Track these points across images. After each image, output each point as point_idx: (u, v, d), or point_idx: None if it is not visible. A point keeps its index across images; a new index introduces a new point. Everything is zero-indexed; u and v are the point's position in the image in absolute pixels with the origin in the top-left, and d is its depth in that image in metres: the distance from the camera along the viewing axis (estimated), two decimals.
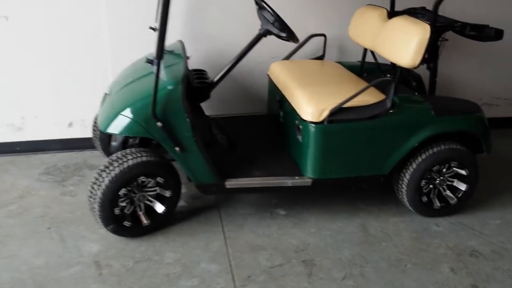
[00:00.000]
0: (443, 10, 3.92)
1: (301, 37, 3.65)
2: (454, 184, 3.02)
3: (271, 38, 2.98)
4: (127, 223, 2.71)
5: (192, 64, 3.80)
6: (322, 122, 2.72)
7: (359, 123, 2.75)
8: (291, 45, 3.57)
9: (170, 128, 2.59)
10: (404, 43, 2.82)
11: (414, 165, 2.89)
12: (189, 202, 3.16)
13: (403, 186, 2.95)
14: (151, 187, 2.76)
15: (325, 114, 2.70)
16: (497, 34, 2.91)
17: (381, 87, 2.90)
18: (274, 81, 3.37)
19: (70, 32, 3.58)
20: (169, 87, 2.57)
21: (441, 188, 3.03)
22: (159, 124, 2.54)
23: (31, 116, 3.78)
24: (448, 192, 3.03)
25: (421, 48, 2.72)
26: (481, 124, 2.92)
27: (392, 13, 3.35)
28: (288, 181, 2.84)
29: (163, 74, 2.67)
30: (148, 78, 2.73)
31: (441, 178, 2.98)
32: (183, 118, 2.58)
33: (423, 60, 2.76)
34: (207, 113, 3.71)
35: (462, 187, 3.01)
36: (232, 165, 2.94)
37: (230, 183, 2.80)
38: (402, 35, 2.87)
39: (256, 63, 3.89)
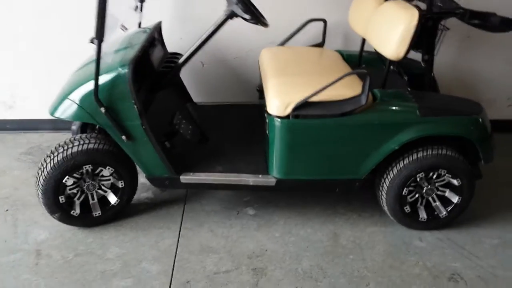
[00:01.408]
0: None
1: (299, 21, 3.38)
2: (446, 194, 2.62)
3: (270, 21, 2.70)
4: (74, 212, 2.56)
5: (182, 47, 3.60)
6: (288, 116, 2.42)
7: (329, 120, 2.43)
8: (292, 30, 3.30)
9: (116, 114, 2.40)
10: (389, 31, 2.47)
11: (394, 171, 2.54)
12: (156, 194, 2.98)
13: (383, 193, 2.60)
14: (105, 176, 2.60)
15: (290, 108, 2.40)
16: (504, 24, 2.46)
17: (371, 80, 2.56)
18: (260, 68, 3.10)
19: (63, 13, 3.46)
20: (115, 70, 2.37)
21: (430, 198, 2.64)
22: (102, 109, 2.36)
23: (22, 95, 3.74)
24: (438, 203, 2.65)
25: (406, 37, 2.35)
26: (477, 127, 2.50)
27: None
28: (250, 179, 2.58)
29: (114, 57, 2.48)
30: (105, 59, 2.54)
31: (429, 186, 2.59)
32: (130, 104, 2.38)
33: (409, 51, 2.39)
34: (198, 99, 3.52)
35: (454, 198, 2.61)
36: (194, 158, 2.72)
37: (186, 178, 2.58)
38: (389, 22, 2.51)
39: (250, 49, 3.61)
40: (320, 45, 3.41)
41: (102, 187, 2.64)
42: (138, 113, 2.39)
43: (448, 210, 2.63)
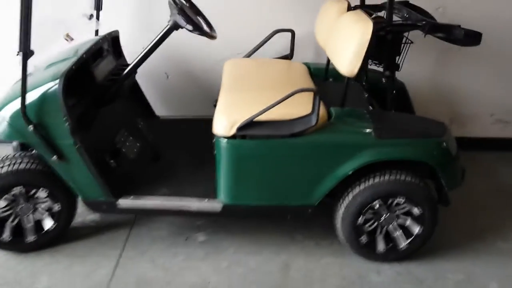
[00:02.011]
0: (444, 7, 3.28)
1: (267, 32, 3.19)
2: (407, 224, 2.40)
3: (237, 31, 2.53)
4: (5, 237, 2.38)
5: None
6: (234, 136, 2.22)
7: (278, 141, 2.23)
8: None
9: (46, 132, 2.22)
10: (342, 46, 2.28)
11: (349, 197, 2.33)
12: (103, 216, 2.79)
13: (338, 221, 2.39)
14: (41, 198, 2.41)
15: (236, 127, 2.21)
16: (469, 37, 2.25)
17: (327, 98, 2.37)
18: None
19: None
20: (46, 85, 2.20)
21: (390, 227, 2.42)
22: (30, 127, 2.18)
23: None
24: (399, 233, 2.43)
25: (359, 52, 2.16)
26: (438, 151, 2.28)
27: (356, 7, 2.77)
28: (194, 205, 2.38)
29: (49, 70, 2.31)
30: (38, 73, 2.37)
31: (388, 215, 2.38)
32: (61, 121, 2.20)
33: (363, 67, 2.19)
34: (162, 113, 3.34)
35: (415, 229, 2.39)
36: (140, 179, 2.53)
37: (124, 202, 2.39)
38: (343, 35, 2.32)
39: (218, 60, 3.42)
40: (288, 57, 3.22)
41: (38, 209, 2.45)
42: (70, 131, 2.21)
43: (409, 241, 2.40)
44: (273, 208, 2.37)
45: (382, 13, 2.64)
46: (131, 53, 3.00)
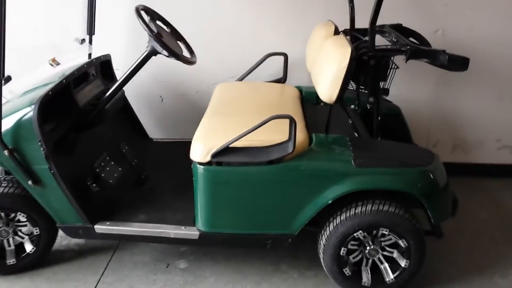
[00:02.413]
0: (443, 29, 3.19)
1: (260, 55, 3.16)
2: (394, 256, 2.29)
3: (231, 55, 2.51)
4: None
5: (140, 78, 3.43)
6: (209, 163, 2.18)
7: (255, 168, 2.17)
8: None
9: (22, 157, 2.22)
10: (322, 71, 2.23)
11: (331, 227, 2.24)
12: (88, 240, 2.76)
13: (321, 251, 2.30)
14: (22, 222, 2.41)
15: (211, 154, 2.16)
16: (454, 63, 2.16)
17: (316, 123, 2.30)
18: None
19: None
20: (22, 110, 2.20)
21: (376, 259, 2.32)
22: (5, 152, 2.18)
23: None
24: (386, 266, 2.31)
25: (337, 79, 2.10)
26: (423, 181, 2.17)
27: (346, 31, 2.72)
28: (171, 232, 2.33)
29: (27, 96, 2.32)
30: (18, 99, 2.39)
31: (372, 247, 2.27)
32: (36, 146, 2.19)
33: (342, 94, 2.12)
34: (156, 136, 3.33)
35: (402, 262, 2.27)
36: (121, 204, 2.49)
37: (101, 228, 2.35)
38: (324, 61, 2.27)
39: (212, 84, 3.40)
40: (281, 80, 3.17)
41: (19, 233, 2.44)
42: (45, 156, 2.20)
43: (395, 275, 2.28)
44: (251, 237, 2.30)
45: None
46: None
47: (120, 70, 3.08)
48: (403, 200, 2.25)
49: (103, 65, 2.89)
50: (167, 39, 2.36)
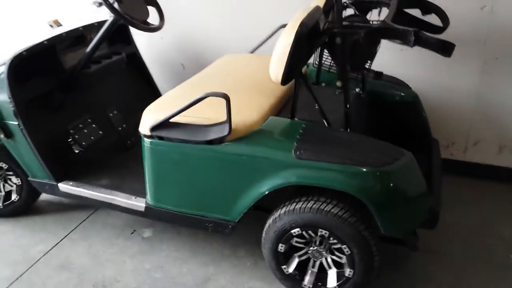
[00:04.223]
0: (491, 4, 2.66)
1: (271, 27, 2.96)
2: (343, 262, 2.04)
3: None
4: None
5: (163, 47, 3.46)
6: (152, 136, 2.13)
7: (194, 147, 2.06)
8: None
9: None
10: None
11: (270, 220, 2.05)
12: None
13: (262, 243, 2.13)
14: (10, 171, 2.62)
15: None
16: (426, 45, 1.77)
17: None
18: None
19: None
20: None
21: (324, 262, 2.09)
22: None
23: None
24: (333, 271, 2.08)
25: (281, 56, 1.86)
26: (371, 184, 1.85)
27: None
28: (122, 201, 2.34)
29: None
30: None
31: (315, 248, 2.04)
32: (8, 102, 2.33)
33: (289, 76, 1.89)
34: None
35: (346, 271, 2.01)
36: (94, 166, 2.56)
37: (64, 187, 2.45)
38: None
39: (232, 53, 3.29)
40: None
41: (8, 181, 2.66)
42: (14, 113, 2.33)
43: (339, 283, 2.03)
44: (193, 217, 2.20)
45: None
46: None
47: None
48: (356, 203, 1.95)
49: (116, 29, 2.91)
50: (129, 4, 2.29)
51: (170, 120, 2.06)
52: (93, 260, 2.39)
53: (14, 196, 2.65)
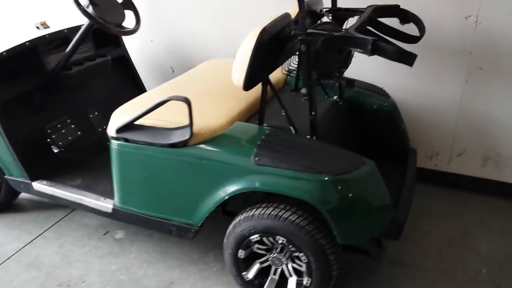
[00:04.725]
0: (476, 14, 2.63)
1: None
2: (303, 270, 2.02)
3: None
4: None
5: (153, 49, 3.49)
6: (118, 138, 2.15)
7: (158, 149, 2.07)
8: None
9: None
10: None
11: (231, 226, 2.05)
12: None
13: (223, 251, 2.13)
14: None
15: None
16: (384, 54, 1.74)
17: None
18: None
19: None
20: None
21: (285, 270, 2.07)
22: None
23: None
24: (294, 279, 2.06)
25: (242, 62, 1.86)
26: (327, 191, 1.83)
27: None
28: (91, 201, 2.36)
29: None
30: None
31: (276, 255, 2.03)
32: None
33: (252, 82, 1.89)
34: None
35: (304, 279, 1.99)
36: (71, 166, 2.59)
37: (38, 186, 2.48)
38: None
39: (221, 56, 3.31)
40: None
41: None
42: None
43: None
44: (157, 220, 2.20)
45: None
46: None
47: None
48: (316, 211, 1.93)
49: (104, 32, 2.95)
50: (104, 8, 2.32)
51: (136, 123, 2.07)
52: (63, 260, 2.42)
53: None
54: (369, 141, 2.61)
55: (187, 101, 1.91)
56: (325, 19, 2.43)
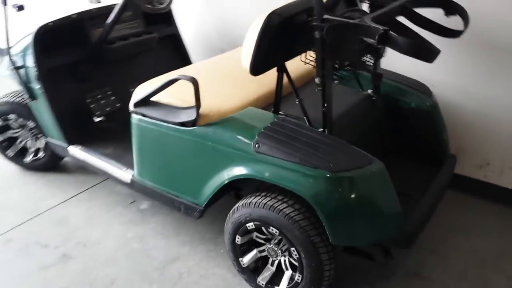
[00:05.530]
0: None
1: None
2: (297, 265, 1.97)
3: None
4: (9, 153, 2.96)
5: (206, 31, 3.54)
6: (136, 112, 2.23)
7: (168, 127, 2.11)
8: None
9: (25, 75, 2.63)
10: None
11: (231, 211, 2.05)
12: None
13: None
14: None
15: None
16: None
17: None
18: None
19: None
20: (29, 36, 2.58)
21: (282, 262, 2.04)
22: (11, 66, 2.62)
23: None
24: (288, 273, 2.02)
25: (250, 46, 1.83)
26: (324, 188, 1.73)
27: None
28: (114, 171, 2.48)
29: None
30: None
31: (272, 246, 2.00)
32: (32, 67, 2.57)
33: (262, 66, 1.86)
34: None
35: (295, 275, 1.94)
36: (99, 134, 2.73)
37: (73, 150, 2.65)
38: None
39: None
40: None
41: (37, 141, 2.95)
42: (37, 77, 2.56)
43: (289, 286, 1.97)
44: (167, 196, 2.25)
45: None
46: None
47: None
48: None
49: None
50: None
51: (152, 99, 2.13)
52: (87, 221, 2.57)
53: (40, 154, 2.92)
54: (403, 140, 2.45)
55: (193, 81, 1.92)
56: (365, 7, 2.29)
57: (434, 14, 2.06)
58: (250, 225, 1.95)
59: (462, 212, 2.59)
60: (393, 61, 2.46)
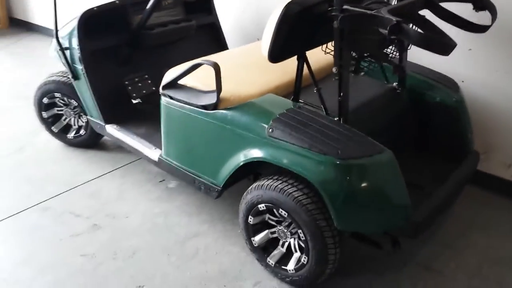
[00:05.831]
0: None
1: None
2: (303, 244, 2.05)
3: None
4: (54, 129, 3.20)
5: (244, 21, 3.64)
6: (164, 95, 2.38)
7: (191, 109, 2.24)
8: None
9: (70, 56, 2.83)
10: None
11: (245, 192, 2.15)
12: None
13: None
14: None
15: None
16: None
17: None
18: None
19: None
20: (75, 19, 2.77)
21: (291, 244, 2.12)
22: (58, 48, 2.83)
23: None
24: (297, 255, 2.10)
25: (269, 33, 1.92)
26: (330, 174, 1.79)
27: None
28: (144, 148, 2.64)
29: None
30: None
31: (282, 228, 2.09)
32: (76, 49, 2.77)
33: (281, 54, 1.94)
34: None
35: (302, 256, 2.02)
36: (135, 115, 2.90)
37: (110, 128, 2.84)
38: None
39: None
40: None
41: (80, 118, 3.16)
42: (80, 59, 2.76)
43: (295, 267, 2.05)
44: (190, 176, 2.38)
45: None
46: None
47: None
48: None
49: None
50: None
51: (179, 83, 2.26)
52: (118, 196, 2.75)
53: (82, 131, 3.13)
54: (426, 134, 2.45)
55: (215, 66, 2.02)
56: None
57: (460, 8, 2.06)
58: (262, 206, 2.04)
59: (483, 210, 2.56)
60: (423, 55, 2.45)
